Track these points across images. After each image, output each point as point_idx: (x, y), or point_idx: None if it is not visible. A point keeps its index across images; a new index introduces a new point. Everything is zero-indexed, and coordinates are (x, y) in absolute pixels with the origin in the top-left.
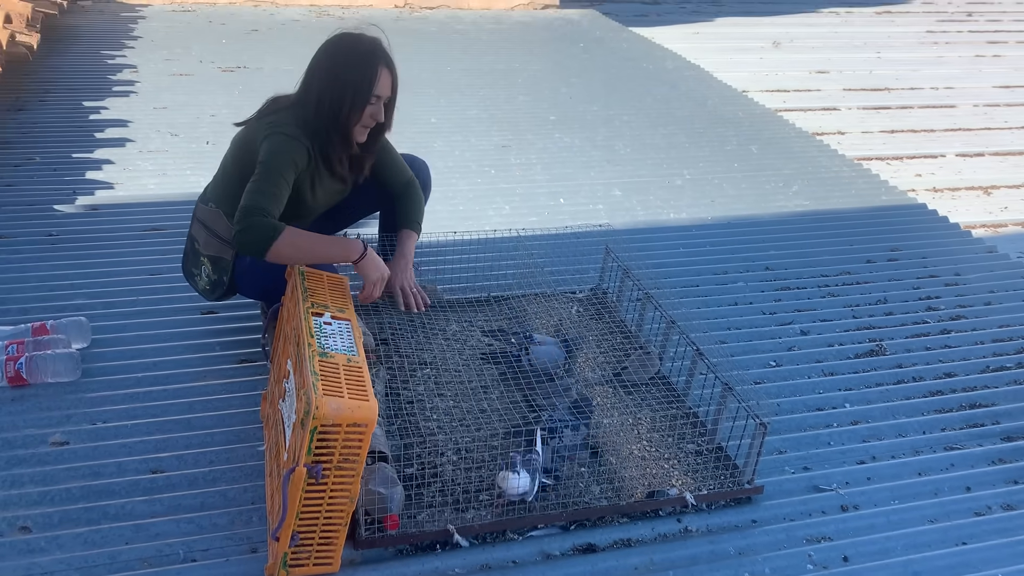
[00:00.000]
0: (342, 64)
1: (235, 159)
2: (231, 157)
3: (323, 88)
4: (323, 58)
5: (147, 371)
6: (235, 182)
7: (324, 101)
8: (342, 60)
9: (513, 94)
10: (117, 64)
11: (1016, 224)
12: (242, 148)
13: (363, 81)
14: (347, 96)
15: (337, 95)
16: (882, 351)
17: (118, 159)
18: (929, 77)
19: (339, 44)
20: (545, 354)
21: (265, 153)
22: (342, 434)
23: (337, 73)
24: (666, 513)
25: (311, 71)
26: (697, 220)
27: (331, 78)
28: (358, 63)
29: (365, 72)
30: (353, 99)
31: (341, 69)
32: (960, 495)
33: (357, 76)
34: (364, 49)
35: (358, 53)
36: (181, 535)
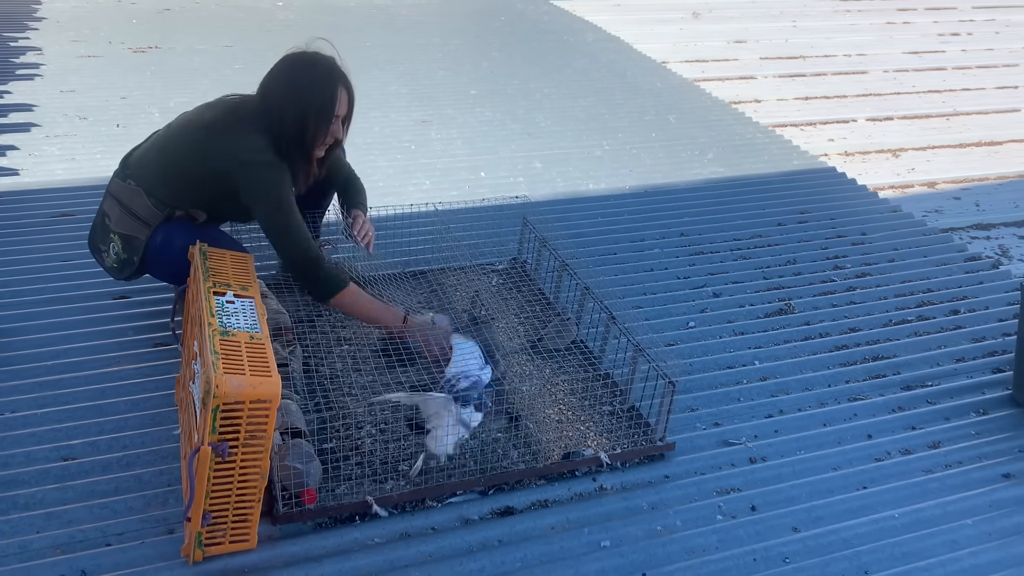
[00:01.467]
0: (303, 88)
1: (188, 159)
2: (180, 152)
3: (285, 113)
4: (282, 79)
5: (57, 359)
6: (177, 175)
7: (287, 125)
8: (303, 84)
9: (433, 69)
10: (20, 47)
11: (921, 184)
12: (204, 156)
13: (324, 105)
14: (310, 121)
15: (300, 120)
16: (790, 310)
17: (23, 144)
18: (842, 45)
19: (297, 65)
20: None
21: (268, 186)
22: (246, 411)
23: (298, 98)
24: (582, 473)
25: (269, 90)
26: (615, 189)
27: (292, 103)
28: (318, 87)
29: (326, 95)
30: (316, 123)
31: (302, 93)
32: (862, 443)
33: (318, 100)
34: (322, 72)
35: (317, 76)
36: (95, 520)
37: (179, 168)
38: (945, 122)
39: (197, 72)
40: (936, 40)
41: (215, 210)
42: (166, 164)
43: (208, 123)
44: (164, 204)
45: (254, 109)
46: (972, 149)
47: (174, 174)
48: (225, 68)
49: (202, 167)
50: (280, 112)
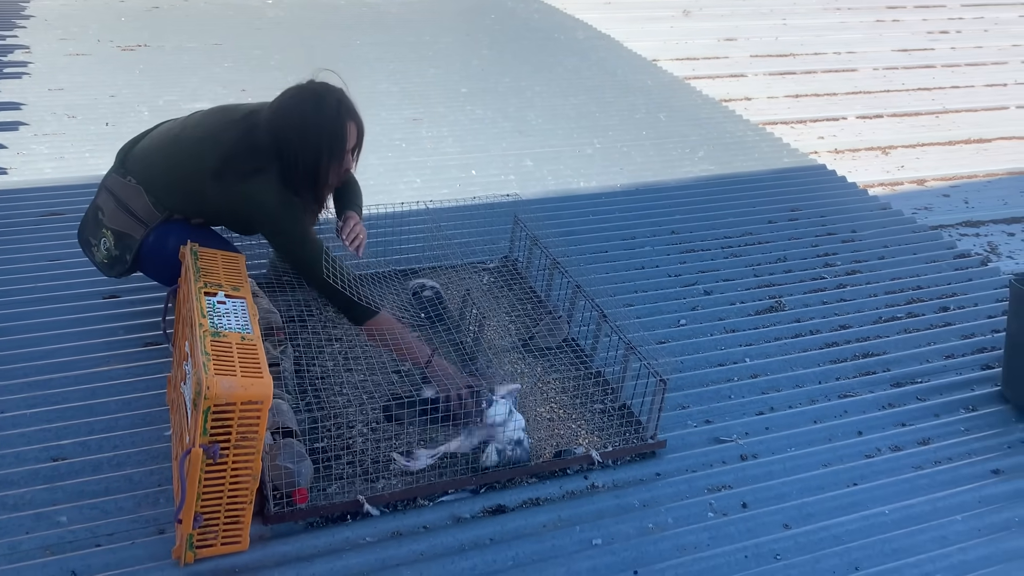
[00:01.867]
0: (313, 129)
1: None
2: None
3: (296, 154)
4: (292, 120)
5: (47, 359)
6: (182, 184)
7: (299, 166)
8: (312, 124)
9: (423, 67)
10: (8, 44)
11: (911, 182)
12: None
13: (335, 145)
14: (322, 163)
15: (312, 162)
16: (781, 307)
17: (11, 143)
18: (832, 42)
19: (305, 103)
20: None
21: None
22: (237, 412)
23: (308, 140)
24: (573, 471)
25: (281, 131)
26: (606, 188)
27: (303, 145)
28: (328, 127)
29: (336, 136)
30: (328, 162)
31: (312, 135)
32: (852, 439)
33: (328, 141)
34: (331, 110)
35: (326, 116)
36: (85, 520)
37: (189, 186)
38: (934, 120)
39: (186, 70)
40: (925, 38)
41: (218, 223)
42: (173, 178)
43: (222, 162)
44: (165, 207)
45: (265, 145)
46: (961, 146)
47: (182, 188)
48: (215, 66)
49: (217, 203)
50: (291, 153)
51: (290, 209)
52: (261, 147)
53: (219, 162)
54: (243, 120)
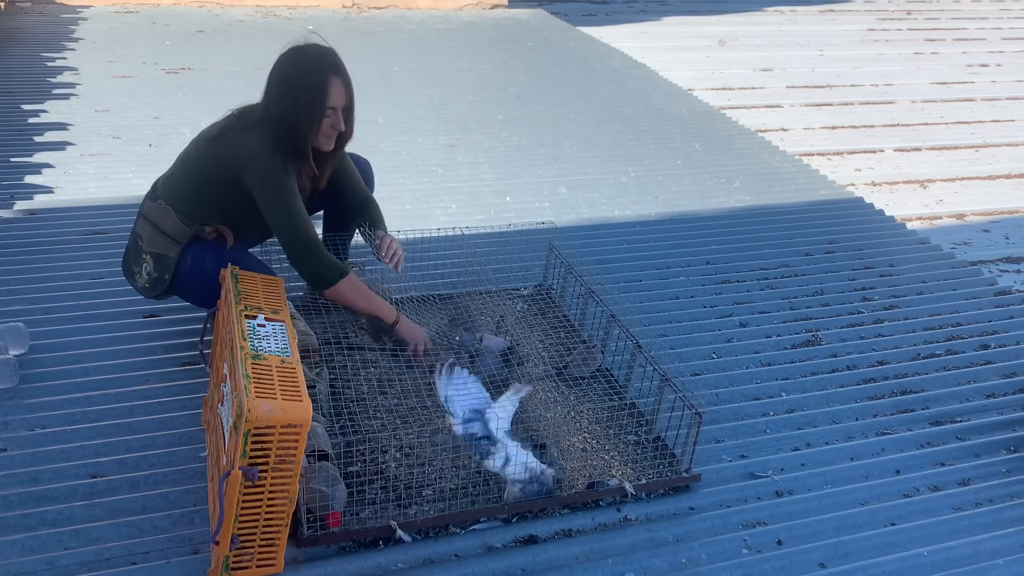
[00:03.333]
0: (293, 82)
1: (205, 167)
2: (198, 162)
3: (279, 107)
4: (275, 77)
5: (87, 376)
6: (199, 187)
7: (281, 120)
8: (293, 78)
9: (461, 94)
10: (57, 66)
11: (950, 216)
12: (215, 160)
13: (315, 96)
14: (301, 113)
15: (292, 113)
16: (818, 341)
17: (58, 163)
18: (869, 74)
19: (287, 61)
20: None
21: (267, 172)
22: (276, 435)
23: (288, 90)
24: (606, 503)
25: (267, 89)
26: (641, 216)
27: (284, 97)
28: (307, 79)
29: (315, 87)
30: (308, 115)
31: (292, 86)
32: (890, 478)
33: (308, 92)
34: (311, 64)
35: (306, 68)
36: (121, 538)
37: (197, 179)
38: (974, 153)
39: (228, 93)
40: (965, 71)
41: (238, 220)
42: (187, 178)
43: (217, 130)
44: (191, 220)
45: (256, 109)
46: (1001, 181)
47: (195, 186)
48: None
49: (214, 170)
50: (275, 107)
51: (274, 159)
52: (253, 111)
53: (217, 130)
54: (240, 107)
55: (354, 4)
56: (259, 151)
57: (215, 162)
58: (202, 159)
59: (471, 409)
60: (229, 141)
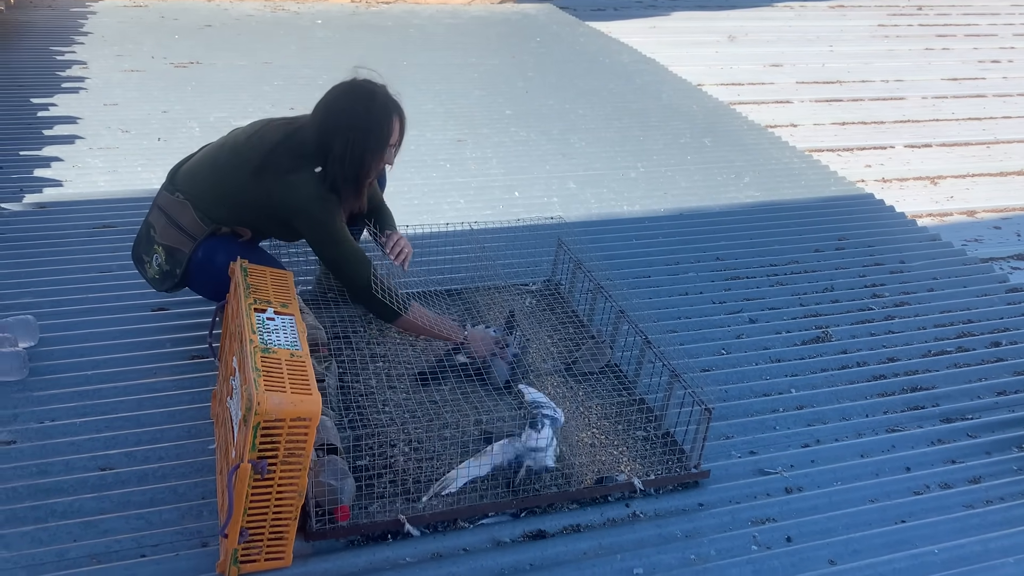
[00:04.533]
0: (362, 122)
1: (240, 195)
2: (233, 185)
3: (344, 148)
4: (341, 115)
5: (96, 368)
6: (231, 197)
7: (345, 160)
8: (362, 118)
9: (469, 89)
10: (66, 60)
11: (960, 213)
12: (257, 194)
13: (382, 138)
14: (368, 156)
15: (359, 155)
16: (828, 337)
17: (67, 156)
18: (880, 70)
19: (355, 99)
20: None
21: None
22: (286, 429)
23: (357, 132)
24: (615, 498)
25: (327, 125)
26: (650, 212)
27: (352, 138)
28: (376, 121)
29: (384, 129)
30: (374, 156)
31: (361, 127)
32: (900, 475)
33: (376, 134)
34: (380, 104)
35: (375, 109)
36: (130, 531)
37: (232, 195)
38: (985, 150)
39: (237, 88)
40: (976, 67)
41: (262, 230)
42: (218, 186)
43: (262, 157)
44: (211, 220)
45: (310, 142)
46: (1013, 178)
47: (225, 198)
48: (264, 84)
49: (256, 201)
50: (339, 147)
51: (327, 204)
52: (304, 145)
53: (260, 160)
54: (286, 124)
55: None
56: (313, 199)
57: (259, 196)
58: (242, 188)
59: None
60: (277, 180)
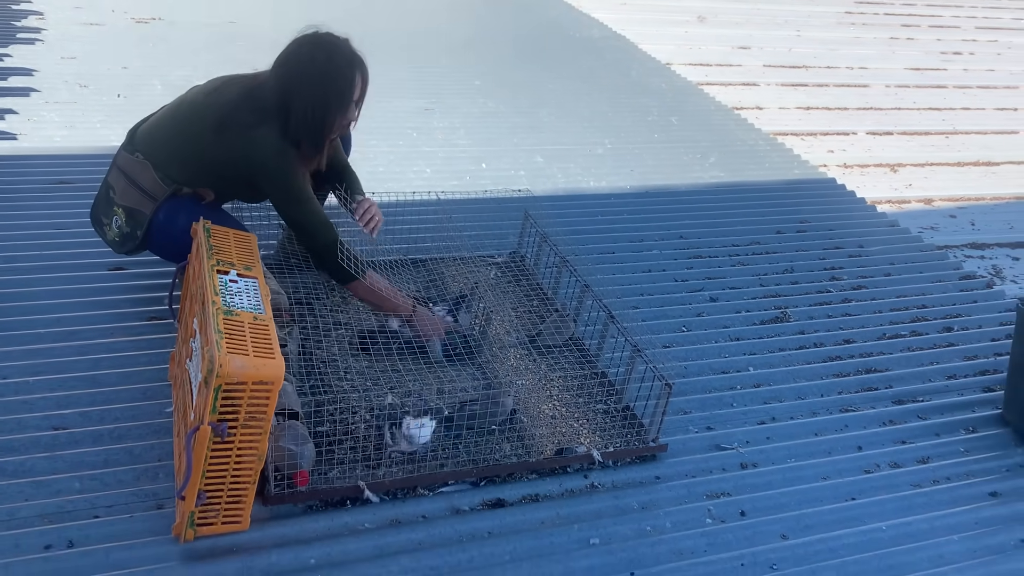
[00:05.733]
0: (324, 77)
1: (202, 153)
2: (195, 143)
3: (305, 102)
4: (302, 68)
5: (51, 327)
6: (190, 156)
7: (306, 114)
8: (323, 72)
9: (437, 56)
10: (22, 10)
11: (919, 200)
12: (218, 151)
13: (344, 93)
14: (330, 111)
15: (320, 110)
16: (786, 318)
17: (22, 109)
18: (845, 57)
19: (316, 52)
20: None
21: (284, 181)
22: (248, 392)
23: (318, 87)
24: (574, 470)
25: (289, 78)
26: (616, 188)
27: (313, 93)
28: (339, 75)
29: (346, 83)
30: (336, 112)
31: (323, 82)
32: (852, 454)
33: (338, 89)
34: (342, 59)
35: (338, 64)
36: (84, 491)
37: (193, 154)
38: (944, 140)
39: (201, 48)
40: (938, 58)
41: (225, 191)
42: (178, 146)
43: (222, 114)
44: (172, 181)
45: (270, 95)
46: (970, 168)
47: (186, 158)
48: (229, 45)
49: (217, 159)
50: (300, 102)
51: (288, 160)
52: (265, 100)
53: (221, 118)
54: (246, 80)
55: None
56: (275, 154)
57: (221, 154)
58: (203, 146)
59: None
60: (239, 137)
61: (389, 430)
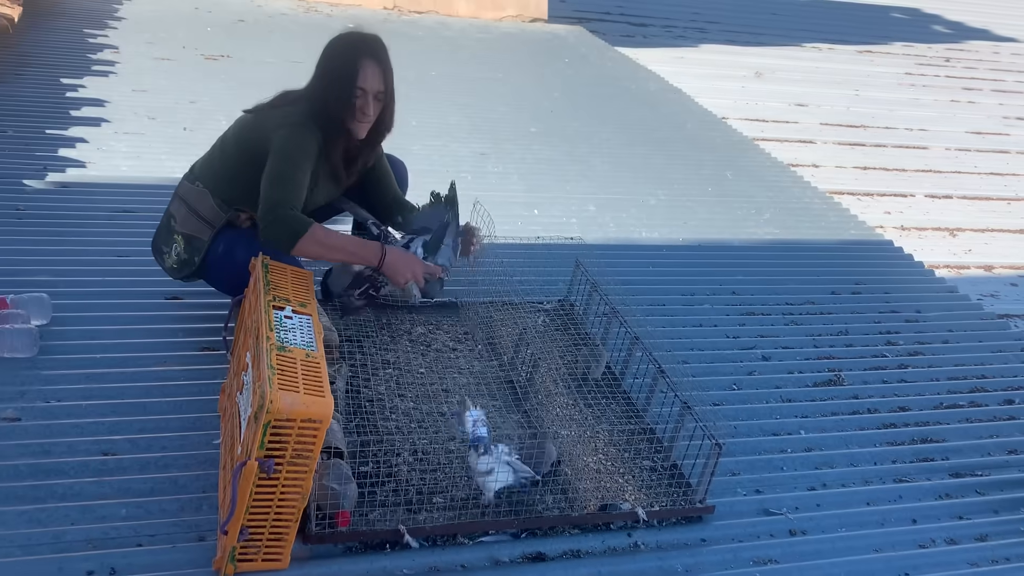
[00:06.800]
0: (328, 59)
1: (239, 144)
2: (234, 141)
3: (315, 85)
4: (320, 56)
5: (106, 352)
6: (234, 166)
7: (318, 97)
8: (329, 59)
9: (495, 103)
10: (98, 43)
11: (978, 267)
12: (249, 135)
13: (345, 75)
14: (332, 91)
15: (324, 91)
16: (840, 381)
17: (92, 138)
18: (904, 118)
19: (331, 42)
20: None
21: (282, 142)
22: (296, 429)
23: (324, 70)
24: (617, 527)
25: (314, 72)
26: (668, 240)
27: (321, 76)
28: (340, 57)
29: (347, 65)
30: (339, 93)
31: (327, 64)
32: (906, 527)
33: (338, 72)
34: (347, 43)
35: (341, 48)
36: (128, 519)
37: (234, 156)
38: (1006, 206)
39: (265, 84)
40: (1001, 122)
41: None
42: (224, 159)
43: (256, 106)
44: (228, 204)
45: (303, 90)
46: None
47: (230, 164)
48: (291, 82)
49: (246, 144)
50: (312, 85)
51: (302, 132)
52: (294, 92)
53: (254, 111)
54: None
55: (395, 6)
56: (285, 121)
57: (248, 134)
58: (238, 132)
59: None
60: (264, 114)
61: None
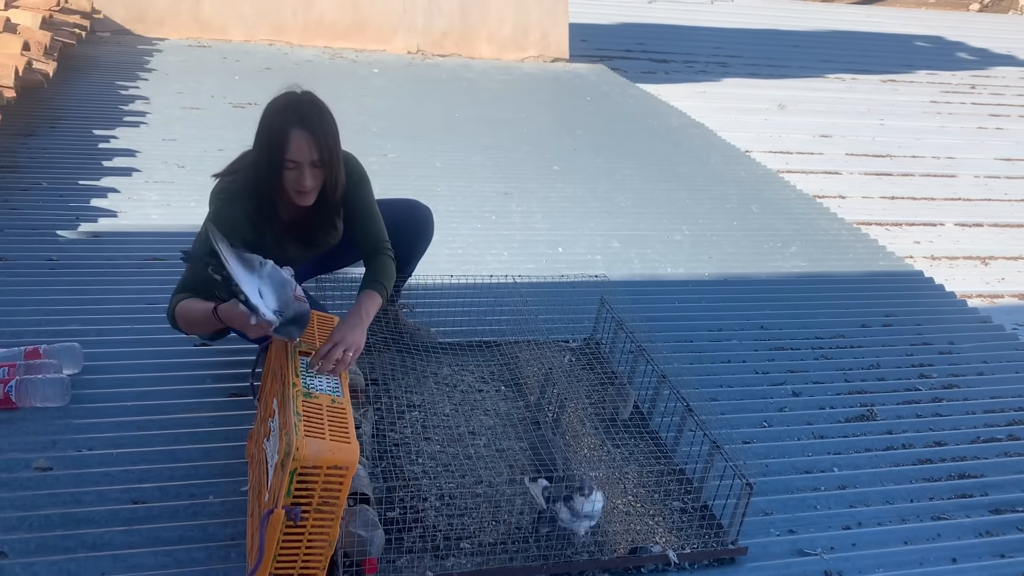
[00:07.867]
0: (261, 128)
1: None
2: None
3: (253, 154)
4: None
5: (136, 400)
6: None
7: (252, 168)
8: (261, 124)
9: (518, 143)
10: (130, 95)
11: (1012, 296)
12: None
13: (275, 144)
14: (263, 163)
15: (257, 163)
16: (873, 416)
17: (124, 188)
18: (931, 146)
19: (266, 106)
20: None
21: (206, 219)
22: (322, 476)
23: (258, 139)
24: (648, 570)
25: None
26: (694, 276)
27: (256, 143)
28: (269, 127)
29: (274, 135)
30: (269, 166)
31: (259, 133)
32: (946, 566)
33: (267, 146)
34: (276, 111)
35: (270, 116)
36: (158, 567)
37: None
38: None
39: None
40: None
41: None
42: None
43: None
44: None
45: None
46: None
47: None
48: None
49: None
50: (252, 151)
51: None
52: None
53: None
54: None
55: (419, 51)
56: (218, 196)
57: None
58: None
59: None
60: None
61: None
